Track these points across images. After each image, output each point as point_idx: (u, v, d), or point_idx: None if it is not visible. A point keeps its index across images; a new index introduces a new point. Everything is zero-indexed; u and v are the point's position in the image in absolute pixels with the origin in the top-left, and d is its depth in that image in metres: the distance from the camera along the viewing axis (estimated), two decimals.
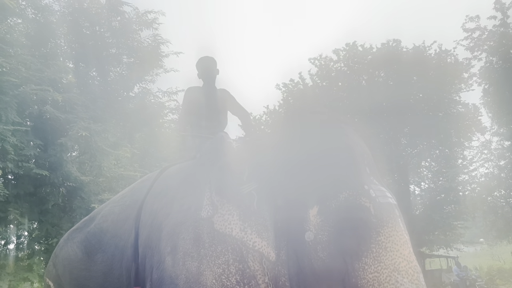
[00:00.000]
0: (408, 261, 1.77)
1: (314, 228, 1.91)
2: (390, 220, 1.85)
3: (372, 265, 1.78)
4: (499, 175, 18.93)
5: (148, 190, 2.71)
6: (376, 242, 1.80)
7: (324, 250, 1.88)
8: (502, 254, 28.20)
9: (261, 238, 2.02)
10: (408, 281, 1.72)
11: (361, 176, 1.97)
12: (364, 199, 1.88)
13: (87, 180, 10.07)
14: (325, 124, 2.15)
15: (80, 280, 2.75)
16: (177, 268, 2.18)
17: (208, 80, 3.36)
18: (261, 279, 2.09)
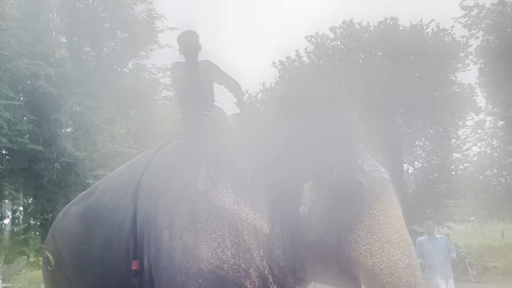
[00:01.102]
0: (400, 233, 1.81)
1: (308, 202, 1.95)
2: (383, 194, 1.88)
3: (364, 237, 1.82)
4: (492, 155, 19.10)
5: (146, 167, 2.74)
6: (369, 215, 1.84)
7: (317, 223, 1.92)
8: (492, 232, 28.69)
9: (254, 211, 2.04)
10: (400, 252, 1.75)
11: (355, 151, 2.00)
12: (357, 173, 1.91)
13: (82, 156, 10.06)
14: (321, 101, 2.15)
15: (79, 252, 2.79)
16: (173, 241, 2.22)
17: (190, 55, 3.24)
18: (256, 252, 2.14)
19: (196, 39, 3.28)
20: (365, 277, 1.82)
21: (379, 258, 1.77)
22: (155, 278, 2.30)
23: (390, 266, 1.74)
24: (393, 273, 1.73)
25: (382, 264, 1.76)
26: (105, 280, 2.62)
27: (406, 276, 1.72)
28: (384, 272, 1.74)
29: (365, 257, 1.80)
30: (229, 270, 2.14)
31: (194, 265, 2.14)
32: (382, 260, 1.76)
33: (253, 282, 2.16)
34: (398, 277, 1.72)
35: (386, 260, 1.75)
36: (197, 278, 2.12)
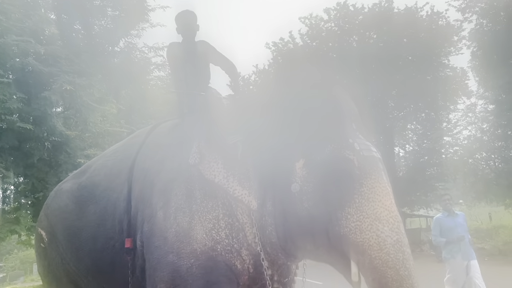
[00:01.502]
0: (389, 211, 1.86)
1: (300, 180, 1.99)
2: (373, 172, 1.92)
3: (354, 214, 1.86)
4: (482, 138, 19.29)
5: (140, 146, 2.76)
6: (359, 193, 1.88)
7: (309, 201, 1.96)
8: (480, 215, 29.19)
9: (242, 187, 2.09)
10: (389, 229, 1.81)
11: (347, 131, 2.03)
12: (348, 152, 1.94)
13: (73, 135, 10.01)
14: (314, 81, 2.19)
15: (72, 229, 2.82)
16: (168, 222, 2.24)
17: (187, 35, 3.22)
18: (249, 231, 2.19)
19: (194, 19, 3.27)
20: (354, 253, 1.86)
21: (368, 235, 1.81)
22: (147, 257, 2.32)
23: (379, 242, 1.79)
24: (381, 248, 1.78)
25: (371, 240, 1.80)
26: (98, 256, 2.64)
27: (394, 251, 1.77)
28: (373, 248, 1.79)
29: (354, 233, 1.84)
30: (222, 251, 2.18)
31: (187, 245, 2.17)
32: (371, 236, 1.81)
33: (243, 261, 2.20)
34: (386, 253, 1.77)
35: (375, 237, 1.80)
36: (189, 258, 2.15)
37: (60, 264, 2.93)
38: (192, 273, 2.13)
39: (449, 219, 6.14)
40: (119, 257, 2.53)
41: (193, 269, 2.14)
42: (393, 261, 1.76)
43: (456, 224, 6.05)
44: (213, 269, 2.15)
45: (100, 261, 2.64)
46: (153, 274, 2.23)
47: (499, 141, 17.85)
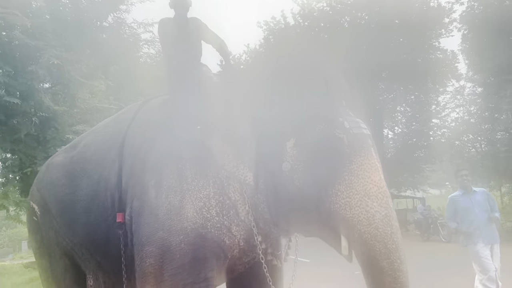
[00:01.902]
0: (378, 186, 1.91)
1: (291, 159, 2.05)
2: (363, 149, 1.97)
3: (344, 191, 1.92)
4: (469, 121, 19.52)
5: (130, 122, 2.77)
6: (349, 170, 1.93)
7: (299, 179, 2.02)
8: None
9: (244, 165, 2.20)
10: (378, 204, 1.87)
11: (337, 109, 2.08)
12: (338, 130, 1.99)
13: (61, 111, 9.90)
14: (305, 60, 2.24)
15: (65, 203, 2.85)
16: (159, 200, 2.30)
17: (180, 10, 3.15)
18: (241, 208, 2.25)
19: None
20: (344, 228, 1.93)
21: (357, 210, 1.87)
22: (135, 232, 2.38)
23: (368, 217, 1.85)
24: (370, 223, 1.84)
25: (360, 215, 1.86)
26: (92, 229, 2.69)
27: (383, 226, 1.83)
28: (362, 223, 1.85)
29: (344, 209, 1.90)
30: (212, 228, 2.24)
31: (178, 223, 2.22)
32: (361, 212, 1.86)
33: (233, 236, 2.27)
34: (375, 227, 1.83)
35: (364, 212, 1.86)
36: (179, 235, 2.21)
37: (53, 237, 2.96)
38: (181, 249, 2.19)
39: (465, 198, 5.34)
40: (112, 230, 2.58)
41: (182, 245, 2.20)
42: (382, 235, 1.83)
43: (473, 204, 5.26)
44: (201, 245, 2.22)
45: (94, 233, 2.69)
46: (142, 249, 2.28)
47: (486, 124, 18.08)
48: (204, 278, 2.21)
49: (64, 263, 2.95)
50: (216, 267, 2.29)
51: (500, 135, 17.72)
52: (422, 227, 16.88)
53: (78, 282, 2.91)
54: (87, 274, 2.87)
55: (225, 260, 2.33)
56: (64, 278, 2.95)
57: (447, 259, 11.19)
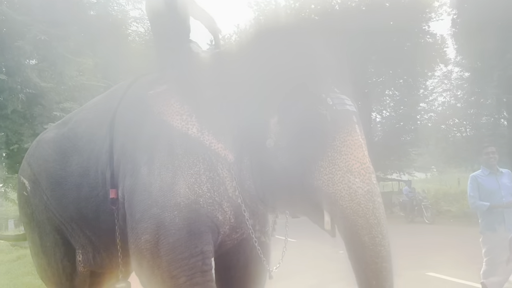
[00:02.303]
0: (361, 163, 1.91)
1: (274, 136, 2.05)
2: (346, 126, 1.97)
3: (327, 167, 1.92)
4: (455, 105, 19.78)
5: (121, 99, 2.77)
6: (332, 146, 1.93)
7: (283, 156, 2.03)
8: (449, 180, 30.36)
9: (217, 140, 2.18)
10: (360, 180, 1.87)
11: (321, 85, 2.07)
12: (321, 107, 1.99)
13: (48, 88, 9.78)
14: (291, 35, 2.20)
15: (56, 178, 2.86)
16: (152, 177, 2.32)
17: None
18: (229, 184, 2.28)
19: None
20: (327, 204, 1.94)
21: (340, 186, 1.88)
22: (128, 210, 2.40)
23: (350, 193, 1.86)
24: (352, 199, 1.85)
25: (342, 191, 1.87)
26: (82, 204, 2.71)
27: (365, 201, 1.84)
28: (345, 199, 1.86)
29: (327, 185, 1.91)
30: (204, 203, 2.27)
31: (171, 199, 2.25)
32: (343, 188, 1.87)
33: (224, 212, 2.31)
34: (357, 203, 1.84)
35: (347, 188, 1.86)
36: (173, 210, 2.23)
37: (43, 212, 2.98)
38: (175, 224, 2.22)
39: (490, 179, 4.72)
40: (103, 205, 2.61)
41: (176, 220, 2.22)
42: (363, 210, 1.84)
43: (499, 186, 4.67)
44: (195, 220, 2.24)
45: (85, 209, 2.71)
46: (137, 226, 2.31)
47: (472, 108, 18.37)
48: (201, 252, 2.23)
49: (54, 238, 2.97)
50: (212, 242, 2.32)
51: (485, 119, 18.05)
52: (406, 209, 17.22)
53: (68, 257, 2.95)
54: (77, 249, 2.89)
55: (218, 236, 2.36)
56: (54, 253, 2.98)
57: (430, 240, 11.52)
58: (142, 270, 2.32)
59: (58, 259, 2.96)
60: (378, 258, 1.83)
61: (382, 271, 1.84)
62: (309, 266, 8.23)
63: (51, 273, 3.03)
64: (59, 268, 2.97)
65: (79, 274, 2.93)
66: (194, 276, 2.19)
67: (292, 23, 2.33)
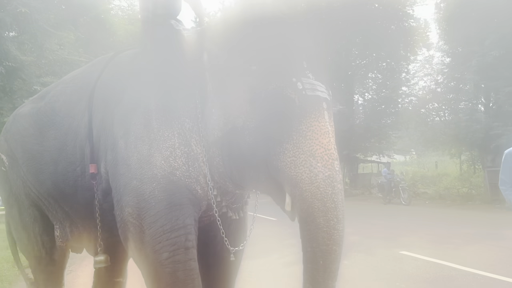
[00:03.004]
0: (325, 148, 1.94)
1: (244, 116, 2.08)
2: (314, 111, 1.98)
3: (291, 150, 1.95)
4: (435, 90, 20.09)
5: (100, 74, 2.74)
6: (297, 130, 1.95)
7: (250, 135, 2.05)
8: (428, 163, 31.07)
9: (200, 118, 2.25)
10: (322, 165, 1.90)
11: (293, 69, 2.07)
12: (290, 91, 2.00)
13: (28, 61, 9.62)
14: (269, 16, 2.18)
15: (32, 153, 2.85)
16: (129, 150, 2.33)
17: None
18: (201, 160, 2.31)
19: None
20: (288, 186, 1.97)
21: (301, 169, 1.90)
22: (113, 184, 2.42)
23: (311, 176, 1.89)
24: (312, 182, 1.88)
25: (303, 174, 1.90)
26: (60, 179, 2.71)
27: (324, 186, 1.87)
28: (305, 182, 1.89)
29: (289, 168, 1.94)
30: (181, 176, 2.28)
31: (148, 171, 2.27)
32: (304, 171, 1.90)
33: (203, 187, 2.33)
34: (316, 186, 1.88)
35: (308, 171, 1.89)
36: (151, 182, 2.25)
37: (21, 187, 2.99)
38: (155, 196, 2.24)
39: None
40: (80, 180, 2.62)
41: (156, 192, 2.24)
42: (322, 194, 1.87)
43: None
44: (175, 192, 2.26)
45: (62, 183, 2.71)
46: (121, 199, 2.34)
47: (451, 93, 18.68)
48: (183, 225, 2.24)
49: (33, 213, 3.00)
50: (194, 215, 2.33)
51: (463, 105, 18.40)
52: (384, 190, 17.63)
53: (47, 232, 2.97)
54: (55, 224, 2.92)
55: (200, 210, 2.37)
56: (33, 227, 3.01)
57: (405, 220, 11.90)
58: (129, 244, 2.35)
59: (37, 234, 2.99)
60: (330, 240, 1.87)
61: (332, 253, 1.88)
62: (287, 244, 8.45)
63: (30, 247, 3.06)
64: (38, 243, 3.00)
65: (58, 248, 2.97)
66: (176, 252, 2.20)
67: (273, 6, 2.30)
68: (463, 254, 6.70)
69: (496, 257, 6.02)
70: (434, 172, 24.65)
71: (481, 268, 5.75)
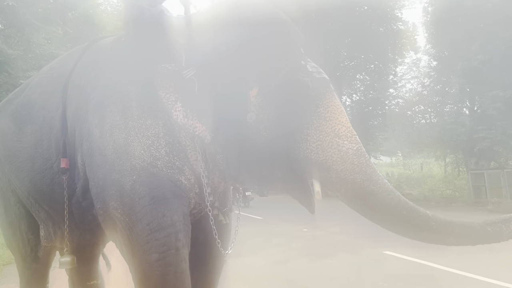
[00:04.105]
0: (346, 126, 1.90)
1: (255, 109, 1.98)
2: (327, 92, 1.94)
3: (314, 135, 1.88)
4: (422, 92, 20.36)
5: (76, 62, 2.58)
6: (316, 113, 1.90)
7: (266, 129, 1.96)
8: (413, 165, 31.45)
9: (201, 123, 2.07)
10: (348, 142, 1.86)
11: (298, 53, 2.05)
12: (302, 74, 1.96)
13: (14, 55, 9.48)
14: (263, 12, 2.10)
15: (12, 151, 2.72)
16: (104, 139, 2.21)
17: None
18: (190, 154, 2.19)
19: None
20: (318, 172, 1.91)
21: (330, 151, 1.85)
22: (90, 176, 2.29)
23: (342, 155, 1.84)
24: (345, 160, 1.83)
25: (334, 156, 1.85)
26: (37, 177, 2.57)
27: (357, 158, 1.83)
28: (337, 162, 1.84)
29: (316, 153, 1.87)
30: (163, 167, 2.15)
31: (126, 162, 2.13)
32: (333, 152, 1.85)
33: (188, 179, 2.21)
34: (351, 162, 1.83)
35: (337, 152, 1.84)
36: (131, 175, 2.12)
37: (7, 184, 2.90)
38: (136, 190, 2.11)
39: None
40: (57, 178, 2.49)
41: (136, 186, 2.11)
42: (359, 166, 1.83)
43: None
44: (156, 185, 2.13)
45: (39, 182, 2.58)
46: (102, 192, 2.21)
47: (437, 96, 18.94)
48: (171, 222, 2.10)
49: (19, 211, 2.89)
50: (182, 209, 2.19)
51: (449, 108, 18.69)
52: None
53: (32, 230, 2.86)
54: (40, 224, 2.81)
55: (188, 203, 2.24)
56: (19, 225, 2.91)
57: None
58: (116, 238, 2.26)
59: (23, 232, 2.90)
60: (390, 193, 1.81)
61: (401, 198, 1.81)
62: (274, 242, 8.51)
63: (16, 244, 2.98)
64: (24, 240, 2.90)
65: (43, 248, 2.87)
66: (167, 254, 2.09)
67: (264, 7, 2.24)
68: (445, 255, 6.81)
69: (477, 258, 6.15)
70: (420, 174, 24.98)
71: (462, 268, 5.87)
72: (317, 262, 6.82)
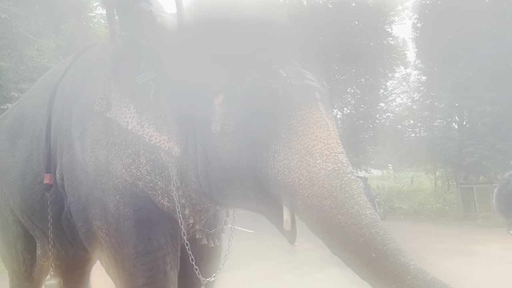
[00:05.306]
0: (324, 143, 1.55)
1: (220, 119, 1.69)
2: (305, 102, 1.61)
3: (281, 152, 1.57)
4: (411, 107, 20.63)
5: (65, 72, 2.44)
6: (286, 127, 1.58)
7: (231, 142, 1.68)
8: (404, 178, 31.64)
9: (160, 132, 1.81)
10: (322, 161, 1.51)
11: (274, 56, 1.70)
12: (271, 80, 1.63)
13: (6, 67, 9.46)
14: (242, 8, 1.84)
15: (6, 166, 2.63)
16: (86, 154, 2.06)
17: None
18: (173, 171, 1.96)
19: None
20: (285, 196, 1.58)
21: (298, 173, 1.52)
22: (70, 191, 2.14)
23: (311, 177, 1.50)
24: (314, 183, 1.49)
25: (301, 178, 1.51)
26: (28, 193, 2.44)
27: (329, 180, 1.47)
28: (305, 186, 1.50)
29: (283, 174, 1.55)
30: (145, 187, 1.98)
31: (109, 181, 1.99)
32: (301, 173, 1.52)
33: (172, 200, 1.98)
34: (320, 186, 1.48)
35: (306, 173, 1.51)
36: (114, 194, 1.99)
37: (6, 202, 2.79)
38: (120, 211, 1.98)
39: None
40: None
41: (120, 207, 1.98)
42: (329, 190, 1.46)
43: None
44: (140, 207, 1.99)
45: (30, 198, 2.46)
46: (84, 210, 2.08)
47: (426, 111, 19.18)
48: (158, 246, 1.97)
49: (16, 230, 2.77)
50: (169, 231, 2.04)
51: (438, 122, 18.93)
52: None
53: (29, 250, 2.75)
54: (37, 242, 2.69)
55: (176, 223, 2.02)
56: (15, 244, 2.81)
57: None
58: (101, 257, 2.16)
59: (19, 251, 2.79)
60: (363, 228, 1.39)
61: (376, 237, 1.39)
62: (264, 256, 8.49)
63: (10, 261, 2.90)
64: (19, 259, 2.81)
65: (40, 267, 2.76)
66: (155, 278, 1.95)
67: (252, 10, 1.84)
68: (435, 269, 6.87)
69: (467, 272, 6.21)
70: (410, 187, 25.14)
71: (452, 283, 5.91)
72: (307, 277, 6.83)
